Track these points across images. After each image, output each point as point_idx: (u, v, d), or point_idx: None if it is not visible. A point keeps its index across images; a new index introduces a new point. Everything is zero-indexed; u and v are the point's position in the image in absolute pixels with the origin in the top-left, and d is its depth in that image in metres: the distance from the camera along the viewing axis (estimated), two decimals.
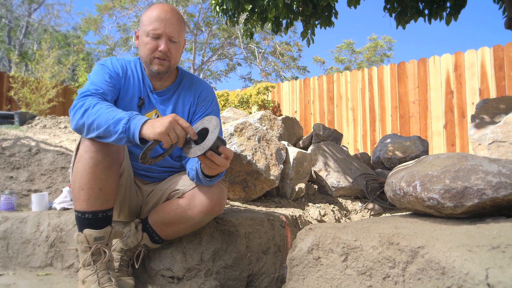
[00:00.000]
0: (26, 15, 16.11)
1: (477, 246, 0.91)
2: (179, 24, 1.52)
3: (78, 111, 1.31)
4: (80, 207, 1.36)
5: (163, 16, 1.48)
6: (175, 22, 1.50)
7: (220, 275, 1.66)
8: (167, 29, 1.48)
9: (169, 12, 1.50)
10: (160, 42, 1.49)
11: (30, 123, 4.37)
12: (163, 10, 1.49)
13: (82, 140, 1.36)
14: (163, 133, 1.18)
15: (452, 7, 3.57)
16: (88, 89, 1.40)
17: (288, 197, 2.69)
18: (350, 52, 17.55)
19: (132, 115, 1.25)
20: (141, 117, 1.25)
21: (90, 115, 1.28)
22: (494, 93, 5.27)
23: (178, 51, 1.56)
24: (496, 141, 2.06)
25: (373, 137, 6.27)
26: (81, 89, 1.42)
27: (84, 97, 1.35)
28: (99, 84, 1.45)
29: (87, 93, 1.38)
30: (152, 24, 1.48)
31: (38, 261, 1.79)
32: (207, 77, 16.24)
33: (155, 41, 1.49)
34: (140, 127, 1.21)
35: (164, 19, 1.48)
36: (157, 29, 1.47)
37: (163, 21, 1.48)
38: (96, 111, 1.28)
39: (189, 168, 1.52)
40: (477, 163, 1.17)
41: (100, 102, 1.33)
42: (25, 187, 2.61)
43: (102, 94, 1.42)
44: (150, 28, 1.48)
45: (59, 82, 7.39)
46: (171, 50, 1.51)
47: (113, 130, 1.24)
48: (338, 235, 1.19)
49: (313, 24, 4.09)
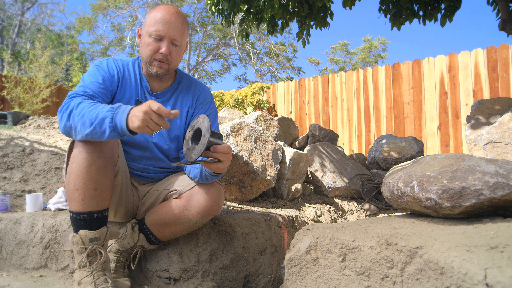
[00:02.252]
0: (19, 14, 15.97)
1: (475, 246, 0.91)
2: (183, 27, 1.51)
3: (64, 113, 1.30)
4: (75, 208, 1.35)
5: (167, 18, 1.47)
6: (179, 26, 1.49)
7: (217, 276, 1.66)
8: (170, 32, 1.47)
9: (174, 14, 1.48)
10: (162, 44, 1.48)
11: (24, 123, 4.33)
12: (168, 12, 1.48)
13: (76, 140, 1.35)
14: (142, 126, 1.17)
15: (447, 9, 3.59)
16: (76, 91, 1.39)
17: (284, 197, 2.69)
18: (344, 53, 17.62)
19: (113, 110, 1.22)
20: (123, 109, 1.22)
21: (75, 116, 1.27)
22: (488, 94, 5.32)
23: (179, 54, 1.55)
24: (491, 141, 2.07)
25: (368, 138, 6.30)
26: (71, 90, 1.41)
27: (70, 99, 1.34)
28: (90, 86, 1.43)
29: (74, 95, 1.36)
30: (156, 25, 1.46)
31: (32, 263, 1.77)
32: (202, 78, 16.21)
33: (157, 43, 1.48)
34: (125, 122, 1.19)
35: (168, 22, 1.46)
36: (160, 31, 1.46)
37: (167, 24, 1.46)
38: (79, 111, 1.26)
39: (190, 167, 1.52)
40: (474, 164, 1.18)
41: (84, 101, 1.31)
42: (19, 187, 2.58)
43: (90, 96, 1.39)
44: (153, 29, 1.47)
45: (53, 81, 7.33)
46: (172, 54, 1.50)
47: (100, 131, 1.22)
48: (336, 235, 1.19)
49: (308, 25, 4.10)
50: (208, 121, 1.27)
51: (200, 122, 1.30)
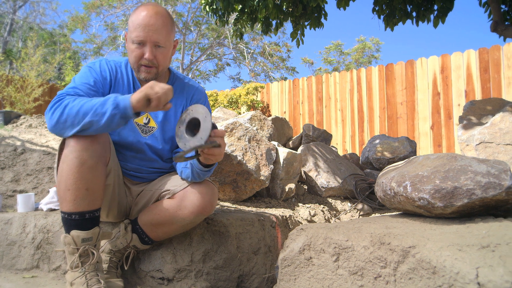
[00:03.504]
0: (10, 12, 15.79)
1: (467, 245, 0.92)
2: (164, 28, 1.46)
3: (56, 109, 1.29)
4: (66, 208, 1.34)
5: (146, 21, 1.42)
6: (160, 27, 1.44)
7: (211, 276, 1.65)
8: (151, 35, 1.43)
9: (153, 16, 1.43)
10: (145, 49, 1.44)
11: (15, 122, 4.29)
12: (147, 16, 1.43)
13: (66, 140, 1.33)
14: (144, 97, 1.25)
15: (440, 10, 3.62)
16: (66, 91, 1.38)
17: (278, 197, 2.69)
18: (338, 53, 17.68)
19: (116, 95, 1.29)
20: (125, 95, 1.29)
21: (73, 107, 1.27)
22: (480, 95, 5.37)
23: (166, 56, 1.51)
24: (483, 142, 2.09)
25: (361, 138, 6.32)
26: (60, 90, 1.39)
27: (61, 98, 1.33)
28: (80, 87, 1.42)
29: (63, 94, 1.35)
30: (136, 31, 1.43)
31: (24, 263, 1.76)
32: (196, 77, 16.16)
33: (140, 49, 1.45)
34: (129, 100, 1.26)
35: (147, 25, 1.42)
36: (140, 36, 1.43)
37: (146, 27, 1.42)
38: (77, 103, 1.28)
39: (182, 168, 1.51)
40: (466, 164, 1.19)
41: (80, 97, 1.33)
42: (10, 187, 2.55)
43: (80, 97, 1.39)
44: (134, 35, 1.44)
45: (45, 81, 7.26)
46: (157, 57, 1.46)
47: (101, 111, 1.25)
48: (329, 235, 1.19)
49: (302, 25, 4.11)
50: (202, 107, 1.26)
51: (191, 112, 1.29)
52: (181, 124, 1.31)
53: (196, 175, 1.44)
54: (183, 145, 1.27)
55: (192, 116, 1.29)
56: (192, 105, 1.31)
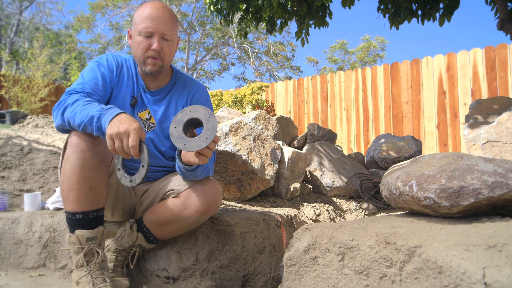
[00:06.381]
0: (17, 13, 15.92)
1: (474, 245, 0.91)
2: (171, 21, 1.51)
3: (59, 110, 1.34)
4: (70, 208, 1.34)
5: (154, 13, 1.47)
6: (167, 20, 1.49)
7: (216, 275, 1.66)
8: (159, 27, 1.47)
9: (161, 9, 1.49)
10: (152, 40, 1.48)
11: (22, 122, 4.32)
12: (155, 8, 1.48)
13: (69, 140, 1.35)
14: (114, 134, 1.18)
15: (445, 8, 3.59)
16: (74, 87, 1.41)
17: (283, 196, 2.69)
18: (343, 52, 17.63)
19: (103, 111, 1.26)
20: (112, 112, 1.24)
21: (68, 112, 1.31)
22: (486, 94, 5.33)
23: (171, 49, 1.55)
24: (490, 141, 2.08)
25: (366, 137, 6.30)
26: (69, 87, 1.42)
27: (68, 95, 1.36)
28: (88, 83, 1.45)
29: (72, 92, 1.39)
30: (144, 23, 1.47)
31: (30, 262, 1.77)
32: (201, 77, 16.20)
33: (148, 40, 1.48)
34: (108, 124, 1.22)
35: (156, 17, 1.47)
36: (149, 27, 1.46)
37: (155, 19, 1.47)
38: (73, 109, 1.30)
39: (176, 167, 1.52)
40: (472, 163, 1.18)
41: (80, 98, 1.34)
42: (17, 187, 2.58)
43: (88, 94, 1.41)
44: (142, 26, 1.47)
45: (51, 81, 7.31)
46: (164, 49, 1.50)
47: (90, 128, 1.27)
48: (335, 234, 1.19)
49: (307, 24, 4.10)
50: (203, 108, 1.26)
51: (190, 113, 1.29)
52: (177, 124, 1.29)
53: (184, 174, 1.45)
54: (183, 145, 1.27)
55: (191, 116, 1.28)
56: (189, 106, 1.30)
